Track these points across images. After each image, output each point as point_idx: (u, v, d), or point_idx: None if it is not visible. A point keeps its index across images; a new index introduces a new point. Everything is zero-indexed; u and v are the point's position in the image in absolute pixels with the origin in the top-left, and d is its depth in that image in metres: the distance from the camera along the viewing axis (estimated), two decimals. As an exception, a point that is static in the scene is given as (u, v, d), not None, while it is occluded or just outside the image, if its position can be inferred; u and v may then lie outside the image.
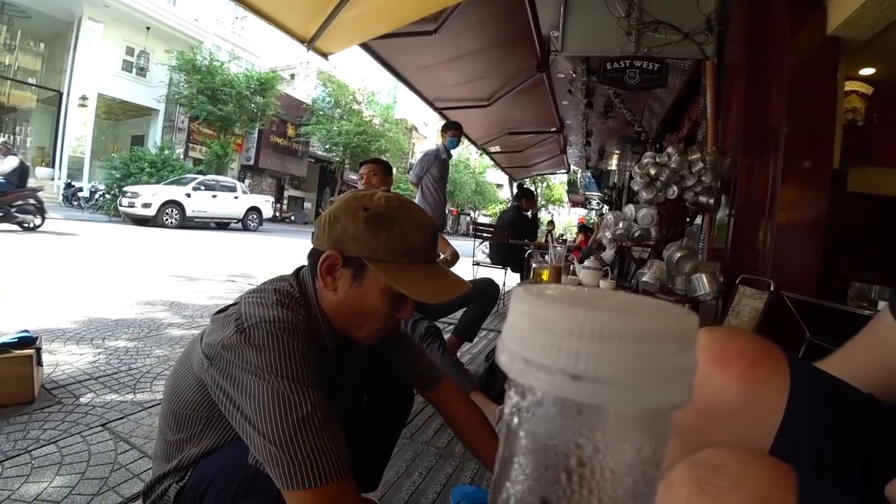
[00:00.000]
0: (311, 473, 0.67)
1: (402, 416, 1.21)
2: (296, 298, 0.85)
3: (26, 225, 7.37)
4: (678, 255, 2.25)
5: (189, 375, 0.84)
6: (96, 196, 13.50)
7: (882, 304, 1.71)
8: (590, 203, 15.65)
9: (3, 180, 6.89)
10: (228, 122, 16.77)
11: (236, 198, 13.59)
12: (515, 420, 0.15)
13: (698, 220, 3.22)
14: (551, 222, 18.25)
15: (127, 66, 17.49)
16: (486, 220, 26.08)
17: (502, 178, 25.01)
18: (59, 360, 2.26)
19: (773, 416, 0.56)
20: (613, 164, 8.79)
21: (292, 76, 24.55)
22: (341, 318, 0.87)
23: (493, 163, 11.85)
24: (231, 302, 0.87)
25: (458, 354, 3.02)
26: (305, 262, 0.92)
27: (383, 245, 0.80)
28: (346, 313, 0.86)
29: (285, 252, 9.15)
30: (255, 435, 0.70)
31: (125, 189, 11.65)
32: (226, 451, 0.82)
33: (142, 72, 17.73)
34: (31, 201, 7.37)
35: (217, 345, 0.76)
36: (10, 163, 7.08)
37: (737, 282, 2.15)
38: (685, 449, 0.44)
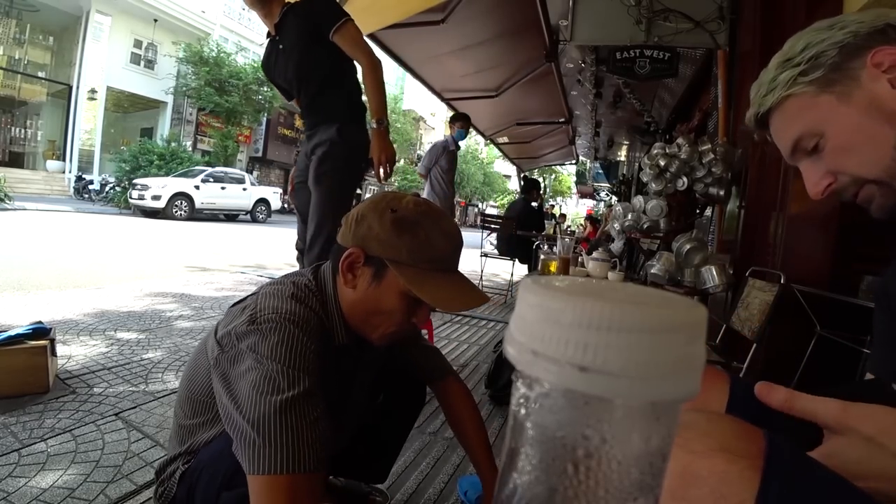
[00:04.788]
0: (275, 459, 0.65)
1: (414, 411, 1.22)
2: (312, 292, 0.86)
3: None
4: (687, 246, 2.23)
5: (204, 363, 0.86)
6: (107, 189, 13.62)
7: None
8: (598, 194, 15.55)
9: None
10: (235, 114, 16.79)
11: (245, 189, 13.65)
12: (523, 411, 0.15)
13: (708, 211, 3.19)
14: (563, 215, 18.13)
15: (135, 59, 17.54)
16: (494, 212, 25.98)
17: (510, 168, 24.89)
18: (73, 351, 2.30)
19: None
20: (622, 154, 8.70)
21: (300, 68, 24.47)
22: (357, 317, 0.87)
23: (501, 154, 11.78)
24: (250, 293, 0.89)
25: (465, 348, 3.03)
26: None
27: (406, 248, 0.80)
28: (363, 312, 0.86)
29: (294, 244, 9.19)
30: (237, 416, 0.69)
31: (135, 181, 11.74)
32: (221, 438, 0.82)
33: (150, 64, 17.77)
34: None
35: (231, 333, 0.78)
36: None
37: (746, 274, 2.13)
38: None
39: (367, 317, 0.86)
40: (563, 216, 17.95)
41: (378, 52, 4.11)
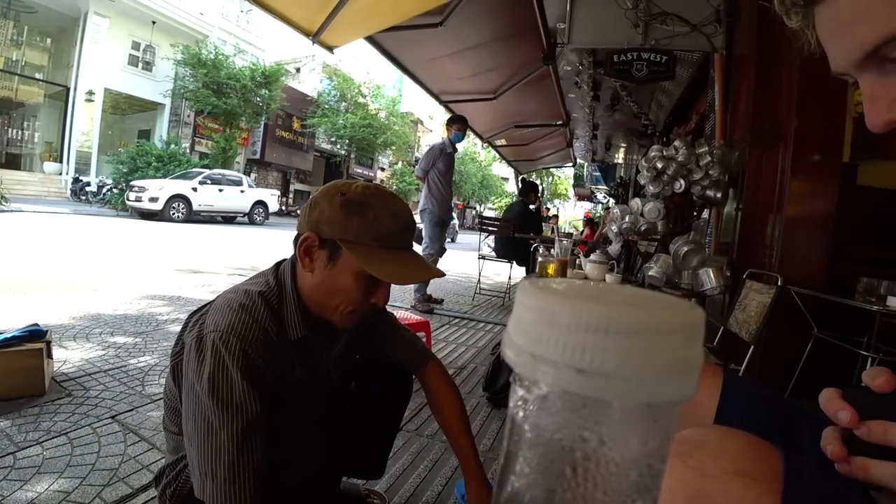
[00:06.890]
0: (211, 495, 0.74)
1: (401, 400, 1.21)
2: (264, 295, 0.88)
3: None
4: (685, 249, 2.23)
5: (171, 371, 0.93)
6: (104, 190, 13.57)
7: (892, 300, 1.69)
8: (596, 197, 15.56)
9: None
10: (233, 116, 16.77)
11: (242, 192, 13.62)
12: (521, 414, 0.15)
13: (705, 213, 3.20)
14: (555, 216, 18.14)
15: (133, 61, 17.50)
16: (492, 214, 25.98)
17: (508, 171, 24.89)
18: (69, 354, 2.29)
19: (705, 413, 0.58)
20: (620, 157, 8.72)
21: (297, 69, 24.48)
22: (317, 301, 0.90)
23: (498, 156, 11.79)
24: (210, 300, 0.92)
25: (463, 350, 3.03)
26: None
27: (356, 228, 0.84)
28: (322, 294, 0.89)
29: (291, 246, 9.17)
30: (187, 437, 0.79)
31: (132, 183, 11.71)
32: None
33: (148, 66, 17.73)
34: None
35: (183, 343, 0.84)
36: None
37: (744, 276, 2.13)
38: None
39: (326, 298, 0.89)
40: (556, 217, 17.97)
41: (375, 54, 4.12)
